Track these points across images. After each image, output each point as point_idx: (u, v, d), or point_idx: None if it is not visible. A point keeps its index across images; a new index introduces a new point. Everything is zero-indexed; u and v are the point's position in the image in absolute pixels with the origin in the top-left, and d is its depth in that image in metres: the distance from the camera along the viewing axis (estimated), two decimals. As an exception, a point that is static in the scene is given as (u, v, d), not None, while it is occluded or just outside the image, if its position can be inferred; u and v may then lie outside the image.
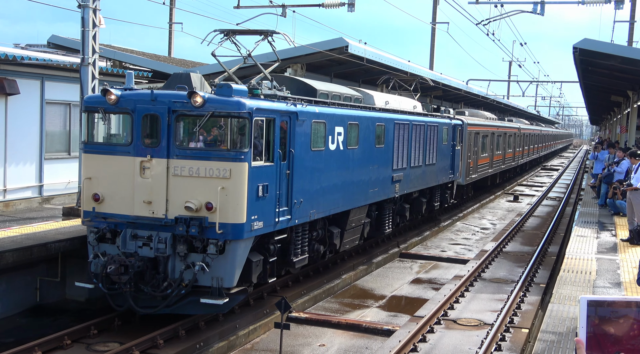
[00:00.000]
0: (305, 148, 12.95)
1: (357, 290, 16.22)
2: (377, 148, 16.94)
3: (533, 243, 21.97)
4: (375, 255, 18.75)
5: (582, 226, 18.09)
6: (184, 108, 10.89)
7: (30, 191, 16.95)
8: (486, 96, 46.02)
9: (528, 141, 49.47)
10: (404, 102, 20.72)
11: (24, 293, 12.83)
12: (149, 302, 11.04)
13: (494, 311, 13.59)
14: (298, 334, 12.42)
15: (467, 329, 12.55)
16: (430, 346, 11.56)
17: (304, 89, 14.68)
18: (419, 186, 20.87)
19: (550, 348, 8.64)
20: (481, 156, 30.90)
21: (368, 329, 12.73)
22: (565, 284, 11.74)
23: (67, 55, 24.82)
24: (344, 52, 21.32)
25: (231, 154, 10.76)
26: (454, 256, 20.38)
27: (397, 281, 17.25)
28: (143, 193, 11.07)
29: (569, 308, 10.33)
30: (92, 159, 11.64)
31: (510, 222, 25.98)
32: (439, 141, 22.61)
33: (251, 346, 11.90)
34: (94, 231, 11.37)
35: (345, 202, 15.12)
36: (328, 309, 14.44)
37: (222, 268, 10.80)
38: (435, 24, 39.39)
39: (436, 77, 31.59)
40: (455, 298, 14.43)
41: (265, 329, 12.51)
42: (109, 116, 11.63)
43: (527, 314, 13.53)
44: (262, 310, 12.81)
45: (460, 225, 26.97)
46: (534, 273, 17.16)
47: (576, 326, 9.56)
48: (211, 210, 10.67)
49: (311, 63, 23.09)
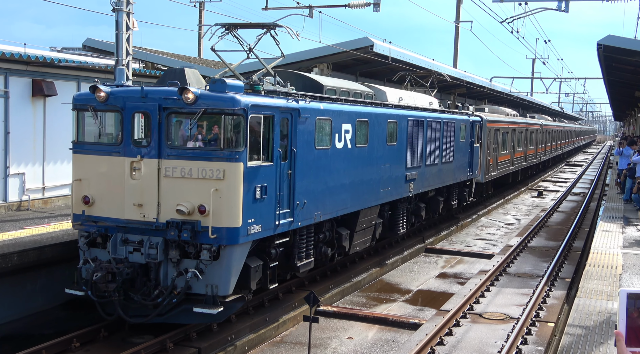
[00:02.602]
0: (308, 147, 12.07)
1: (384, 284, 16.17)
2: (389, 146, 15.99)
3: (558, 238, 21.67)
4: (401, 250, 18.68)
5: (607, 221, 17.81)
6: (176, 105, 10.09)
7: (67, 188, 17.15)
8: (510, 93, 45.54)
9: (551, 137, 48.65)
10: (419, 98, 19.83)
11: (63, 286, 13.03)
12: (140, 311, 10.30)
13: (519, 305, 13.44)
14: (326, 327, 12.42)
15: (493, 323, 12.44)
16: (457, 339, 11.48)
17: (310, 85, 13.81)
18: (435, 185, 19.96)
19: (578, 341, 8.51)
20: (501, 152, 30.04)
21: (395, 323, 12.68)
22: (591, 279, 11.57)
23: (102, 57, 25.15)
24: (369, 51, 21.25)
25: (225, 154, 9.91)
26: (479, 251, 20.21)
27: (423, 275, 17.15)
28: (134, 195, 10.29)
29: (595, 302, 10.17)
30: (81, 159, 10.88)
31: (535, 218, 25.67)
32: (456, 138, 21.62)
33: (280, 338, 11.93)
34: (84, 235, 10.65)
35: (354, 203, 14.20)
36: (355, 302, 14.42)
37: (216, 274, 10.02)
38: (459, 22, 39.05)
39: (459, 74, 31.33)
40: (481, 292, 14.30)
41: (294, 323, 12.53)
42: (99, 114, 10.76)
43: (552, 308, 13.36)
44: (291, 304, 12.83)
45: (485, 220, 26.73)
46: (559, 268, 16.94)
47: (604, 320, 9.36)
48: (204, 213, 9.87)
49: (337, 62, 23.06)
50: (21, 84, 16.19)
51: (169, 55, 26.07)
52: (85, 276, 10.47)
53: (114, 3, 14.50)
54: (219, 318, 10.30)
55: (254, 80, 11.28)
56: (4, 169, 15.95)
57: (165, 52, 27.53)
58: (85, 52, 26.64)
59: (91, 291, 10.21)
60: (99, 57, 25.80)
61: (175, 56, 26.52)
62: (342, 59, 22.53)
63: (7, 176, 16.00)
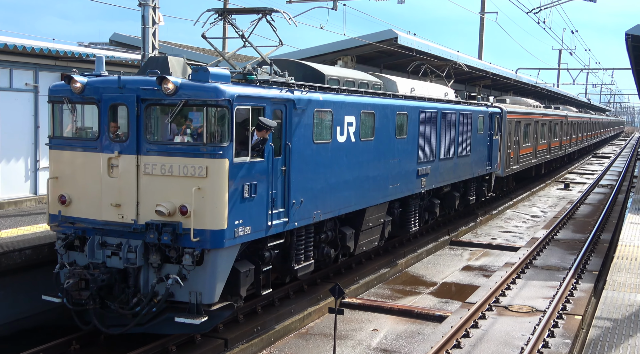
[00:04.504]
0: (305, 141, 11.09)
1: (409, 277, 16.12)
2: (399, 139, 14.93)
3: (585, 231, 21.39)
4: (426, 243, 18.58)
5: (635, 213, 17.53)
6: (155, 96, 9.13)
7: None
8: (535, 85, 44.94)
9: (576, 128, 47.71)
10: (434, 88, 18.67)
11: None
12: (119, 320, 9.41)
13: (546, 298, 13.31)
14: (351, 319, 12.42)
15: (519, 315, 12.32)
16: (482, 331, 11.40)
17: (311, 74, 12.74)
18: (450, 180, 18.82)
19: (606, 334, 8.39)
20: (523, 145, 28.77)
21: (420, 315, 12.63)
22: (619, 271, 11.40)
23: (128, 52, 25.31)
24: (393, 43, 21.14)
25: (208, 149, 8.95)
26: (505, 243, 20.02)
27: (448, 268, 17.06)
28: (111, 195, 9.38)
29: (624, 295, 10.02)
30: (58, 155, 9.98)
31: (562, 210, 25.36)
32: (473, 130, 20.42)
33: (306, 330, 11.96)
34: (61, 237, 9.78)
35: (358, 201, 13.22)
36: (380, 295, 14.39)
37: (200, 281, 9.10)
38: (484, 13, 38.62)
39: (484, 66, 30.98)
40: (507, 285, 14.18)
41: (319, 314, 12.54)
42: (75, 107, 9.86)
43: (579, 301, 13.19)
44: (316, 296, 12.85)
45: (510, 213, 26.48)
46: (587, 261, 16.72)
47: (632, 313, 9.22)
48: (186, 214, 8.96)
49: (361, 55, 22.97)
50: (50, 78, 16.39)
51: (194, 49, 26.21)
52: (63, 281, 9.56)
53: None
54: (202, 328, 9.38)
55: (248, 69, 10.34)
56: (34, 163, 16.21)
57: (191, 46, 27.67)
58: (112, 47, 26.86)
59: (66, 299, 9.37)
60: (125, 51, 26.00)
61: (200, 50, 26.65)
62: (366, 52, 22.44)
63: (37, 169, 16.25)
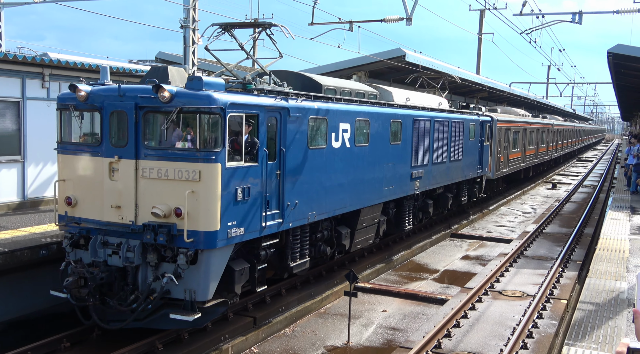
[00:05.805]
0: (300, 146, 10.47)
1: (414, 265, 16.08)
2: (393, 145, 14.23)
3: (570, 225, 21.19)
4: (429, 235, 18.54)
5: (615, 210, 17.34)
6: (152, 103, 8.72)
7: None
8: (527, 97, 44.63)
9: (562, 135, 47.04)
10: (428, 99, 17.94)
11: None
12: (118, 315, 9.00)
13: (535, 284, 13.22)
14: (364, 301, 12.44)
15: (511, 299, 12.26)
16: (479, 313, 11.36)
17: (309, 84, 12.25)
18: (442, 182, 18.04)
19: (589, 316, 8.33)
20: (512, 150, 28.16)
21: (424, 298, 12.62)
22: (601, 261, 11.30)
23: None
24: (401, 60, 21.12)
25: (202, 155, 8.46)
26: (499, 236, 19.90)
27: (449, 257, 16.99)
28: (112, 197, 9.05)
29: (605, 282, 9.93)
30: (65, 160, 9.64)
31: (549, 207, 25.14)
32: (465, 137, 19.65)
33: (324, 310, 12.00)
34: (67, 236, 9.47)
35: (353, 202, 12.56)
36: (389, 280, 14.38)
37: (194, 279, 8.64)
38: (481, 34, 38.38)
39: (481, 80, 30.86)
40: (501, 272, 14.11)
41: (336, 297, 12.57)
42: (80, 114, 9.53)
43: (565, 287, 13.09)
44: (333, 281, 12.88)
45: (504, 209, 26.29)
46: (572, 252, 16.57)
47: (612, 298, 9.11)
48: (180, 216, 8.51)
49: (373, 70, 22.98)
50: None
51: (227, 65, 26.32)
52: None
53: (182, 21, 14.72)
54: (196, 324, 8.81)
55: (247, 79, 10.01)
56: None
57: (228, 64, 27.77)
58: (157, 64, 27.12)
59: (70, 295, 8.97)
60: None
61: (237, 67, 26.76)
62: (377, 68, 22.45)
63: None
